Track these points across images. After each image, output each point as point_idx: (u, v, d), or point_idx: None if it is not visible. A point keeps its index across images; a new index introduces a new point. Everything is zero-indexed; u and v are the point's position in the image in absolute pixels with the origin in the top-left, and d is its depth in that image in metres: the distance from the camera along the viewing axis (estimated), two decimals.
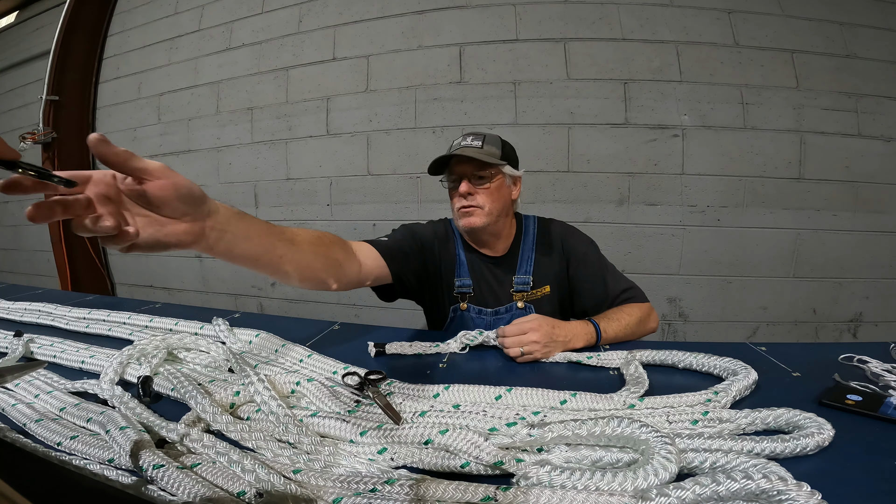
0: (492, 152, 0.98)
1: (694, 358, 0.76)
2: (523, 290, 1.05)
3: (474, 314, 1.06)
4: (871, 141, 1.71)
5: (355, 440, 0.54)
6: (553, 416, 0.59)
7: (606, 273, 1.04)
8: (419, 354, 0.87)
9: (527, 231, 1.10)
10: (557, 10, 1.82)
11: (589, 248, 1.07)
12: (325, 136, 2.07)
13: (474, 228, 1.01)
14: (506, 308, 1.05)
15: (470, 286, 1.07)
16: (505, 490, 0.43)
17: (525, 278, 1.05)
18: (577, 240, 1.08)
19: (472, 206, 0.99)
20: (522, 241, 1.09)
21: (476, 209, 0.99)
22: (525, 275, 1.06)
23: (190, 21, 2.39)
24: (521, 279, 1.05)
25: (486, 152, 0.98)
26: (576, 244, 1.07)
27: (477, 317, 1.06)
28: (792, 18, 1.74)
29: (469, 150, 0.97)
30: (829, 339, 1.80)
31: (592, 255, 1.06)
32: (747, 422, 0.55)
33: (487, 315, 1.06)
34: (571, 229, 1.11)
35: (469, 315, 1.06)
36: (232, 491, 0.45)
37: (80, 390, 0.71)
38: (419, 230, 1.09)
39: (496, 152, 0.99)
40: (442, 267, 1.09)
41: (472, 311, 1.06)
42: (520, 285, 1.05)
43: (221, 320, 0.95)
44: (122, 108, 2.60)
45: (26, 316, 1.15)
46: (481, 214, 0.99)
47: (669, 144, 1.76)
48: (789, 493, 0.38)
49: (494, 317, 1.05)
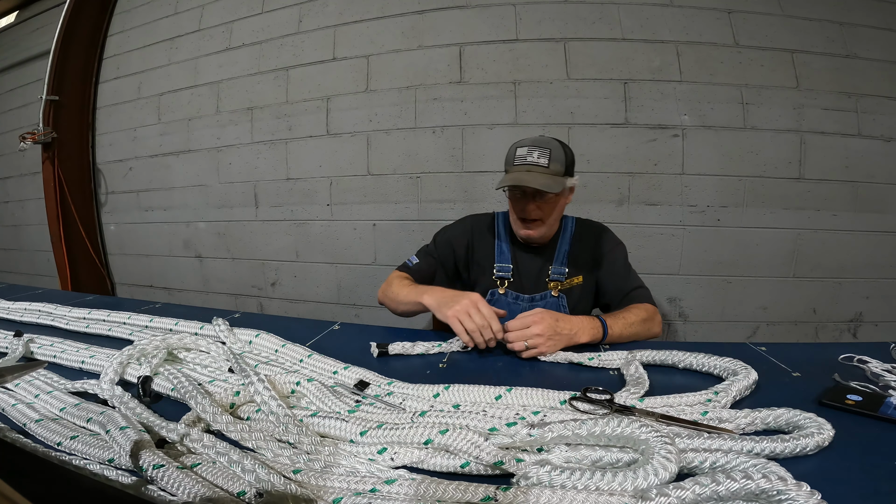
0: (557, 170, 1.03)
1: (694, 358, 0.76)
2: (558, 280, 1.13)
3: (511, 299, 1.14)
4: (870, 141, 1.71)
5: (355, 440, 0.54)
6: (553, 416, 0.59)
7: (629, 270, 1.13)
8: (421, 354, 0.87)
9: (566, 227, 1.20)
10: (557, 10, 1.82)
11: (618, 246, 1.17)
12: (325, 136, 2.07)
13: (533, 238, 1.12)
14: (541, 296, 1.13)
15: (510, 271, 1.15)
16: (505, 490, 0.44)
17: (561, 269, 1.14)
18: (610, 238, 1.19)
19: (536, 220, 1.08)
20: (561, 235, 1.18)
21: (538, 223, 1.09)
22: (561, 265, 1.14)
23: (190, 21, 2.39)
24: (557, 269, 1.14)
25: (553, 171, 1.03)
26: (608, 241, 1.17)
27: (514, 302, 1.14)
28: (792, 18, 1.74)
29: (535, 169, 1.02)
30: (829, 339, 1.80)
31: (620, 252, 1.16)
32: (747, 422, 0.55)
33: (524, 301, 1.13)
34: (607, 229, 1.21)
35: (506, 300, 1.14)
36: (232, 491, 0.45)
37: (80, 390, 0.71)
38: (447, 233, 1.24)
39: (560, 169, 1.04)
40: (477, 256, 1.20)
41: (510, 296, 1.14)
42: (555, 275, 1.14)
43: (221, 320, 0.95)
44: (122, 108, 2.60)
45: (26, 316, 1.15)
46: (541, 227, 1.09)
47: (669, 144, 1.76)
48: (789, 493, 0.38)
49: (530, 303, 1.13)
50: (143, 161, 2.53)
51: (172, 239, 2.50)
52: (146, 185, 2.54)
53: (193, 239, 2.44)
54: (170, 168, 2.44)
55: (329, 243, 2.12)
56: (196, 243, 2.44)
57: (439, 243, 1.22)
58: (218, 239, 2.37)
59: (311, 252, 2.17)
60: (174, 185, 2.45)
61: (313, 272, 2.18)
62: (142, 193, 2.56)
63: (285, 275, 2.24)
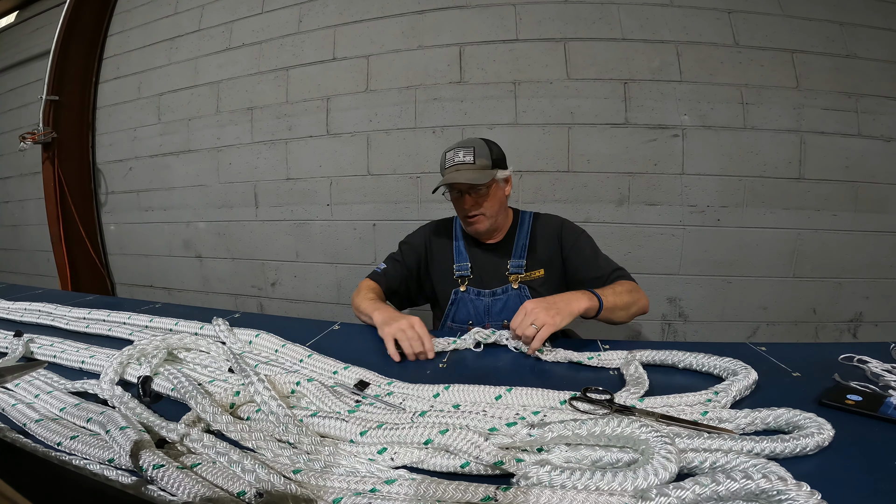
0: (483, 164, 1.11)
1: (694, 358, 0.76)
2: (517, 273, 1.17)
3: (473, 295, 1.18)
4: (871, 141, 1.71)
5: (355, 440, 0.54)
6: (553, 416, 0.59)
7: (598, 255, 1.16)
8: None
9: (522, 222, 1.24)
10: (557, 10, 1.82)
11: (581, 235, 1.20)
12: (325, 136, 2.07)
13: (480, 232, 1.17)
14: (503, 289, 1.17)
15: (468, 269, 1.20)
16: (505, 490, 0.44)
17: (519, 262, 1.18)
18: (570, 229, 1.21)
19: (476, 214, 1.14)
20: (518, 230, 1.22)
21: (480, 216, 1.14)
22: (519, 259, 1.18)
23: (190, 21, 2.39)
24: (516, 263, 1.18)
25: (479, 166, 1.10)
26: (569, 233, 1.20)
27: (476, 298, 1.18)
28: (792, 18, 1.74)
29: (463, 167, 1.10)
30: (829, 339, 1.80)
31: (584, 240, 1.19)
32: (747, 422, 0.55)
33: (486, 296, 1.17)
34: (563, 222, 1.23)
35: (468, 297, 1.18)
36: (232, 491, 0.45)
37: (80, 390, 0.71)
38: (410, 240, 1.30)
39: (487, 163, 1.11)
40: (437, 259, 1.25)
41: (471, 292, 1.18)
42: (514, 268, 1.18)
43: (221, 320, 0.95)
44: (122, 108, 2.60)
45: (26, 316, 1.15)
46: (484, 220, 1.15)
47: (669, 144, 1.76)
48: (789, 493, 0.38)
49: (492, 297, 1.17)
50: (143, 161, 2.53)
51: (172, 239, 2.50)
52: (146, 185, 2.54)
53: (193, 239, 2.44)
54: (170, 168, 2.44)
55: (329, 243, 2.12)
56: (196, 243, 2.44)
57: (405, 250, 1.28)
58: (218, 239, 2.37)
59: (311, 252, 2.17)
60: (174, 185, 2.45)
61: (313, 272, 2.18)
62: (142, 193, 2.56)
63: (285, 275, 2.24)
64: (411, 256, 1.26)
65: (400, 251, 1.29)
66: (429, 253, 1.26)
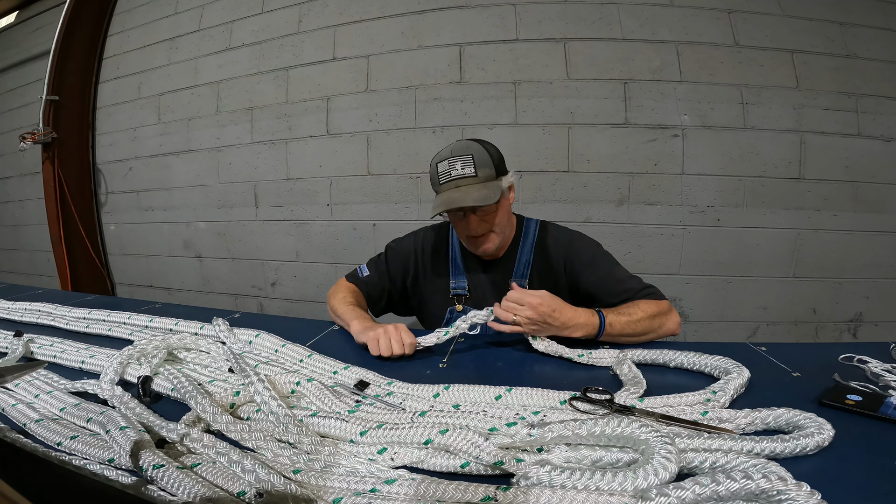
0: (487, 175, 0.95)
1: (685, 357, 0.76)
2: None
3: None
4: (871, 141, 1.71)
5: (355, 440, 0.54)
6: (553, 416, 0.59)
7: (614, 275, 1.01)
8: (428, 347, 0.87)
9: (527, 234, 1.09)
10: (557, 10, 1.82)
11: (596, 250, 1.05)
12: (325, 136, 2.07)
13: (490, 252, 1.03)
14: None
15: (465, 288, 1.08)
16: (505, 490, 0.43)
17: (521, 282, 1.06)
18: (581, 246, 1.06)
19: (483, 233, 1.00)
20: (522, 243, 1.08)
21: (488, 235, 1.00)
22: (522, 278, 1.06)
23: (190, 21, 2.39)
24: (518, 282, 1.05)
25: (483, 178, 0.94)
26: (580, 252, 1.04)
27: None
28: (792, 18, 1.74)
29: (464, 183, 0.94)
30: (829, 339, 1.80)
31: (600, 257, 1.05)
32: (747, 422, 0.55)
33: None
34: (574, 237, 1.08)
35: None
36: (232, 491, 0.45)
37: (80, 390, 0.71)
38: (399, 247, 1.15)
39: (490, 172, 0.95)
40: (431, 274, 1.12)
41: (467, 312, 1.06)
42: None
43: (221, 320, 0.95)
44: (122, 108, 2.60)
45: (26, 316, 1.15)
46: (494, 238, 1.01)
47: (669, 144, 1.76)
48: (789, 493, 0.38)
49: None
50: (143, 161, 2.53)
51: (172, 239, 2.50)
52: (146, 185, 2.54)
53: (193, 239, 2.44)
54: (170, 168, 2.44)
55: (329, 243, 2.12)
56: (196, 243, 2.44)
57: (390, 257, 1.14)
58: (218, 239, 2.37)
59: (311, 252, 2.17)
60: (174, 185, 2.45)
61: (313, 272, 2.18)
62: (142, 193, 2.56)
63: (285, 275, 2.24)
64: (396, 266, 1.13)
65: (385, 257, 1.15)
66: (418, 266, 1.13)
